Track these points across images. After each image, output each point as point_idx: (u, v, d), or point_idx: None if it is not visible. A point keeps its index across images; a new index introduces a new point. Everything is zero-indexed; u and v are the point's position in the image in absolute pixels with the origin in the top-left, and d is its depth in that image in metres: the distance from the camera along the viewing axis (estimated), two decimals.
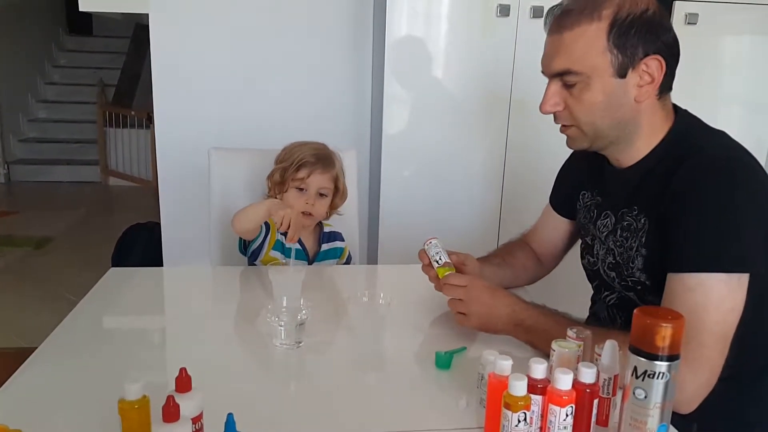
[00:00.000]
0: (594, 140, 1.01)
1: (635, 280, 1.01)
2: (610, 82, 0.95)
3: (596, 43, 0.94)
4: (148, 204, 3.93)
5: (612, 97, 0.96)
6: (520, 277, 1.31)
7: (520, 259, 1.31)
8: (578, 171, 1.20)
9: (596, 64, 0.94)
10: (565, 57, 0.96)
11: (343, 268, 1.54)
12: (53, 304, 2.86)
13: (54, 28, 6.65)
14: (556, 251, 1.32)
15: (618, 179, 1.06)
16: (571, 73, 0.96)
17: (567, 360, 0.77)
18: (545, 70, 1.01)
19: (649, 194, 0.98)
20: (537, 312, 0.99)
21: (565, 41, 0.96)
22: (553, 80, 1.00)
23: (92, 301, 1.20)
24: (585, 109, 0.97)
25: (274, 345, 1.01)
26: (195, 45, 2.21)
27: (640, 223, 0.99)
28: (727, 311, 0.87)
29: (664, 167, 0.97)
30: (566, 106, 0.99)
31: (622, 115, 0.97)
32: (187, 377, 0.71)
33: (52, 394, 0.88)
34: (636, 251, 1.00)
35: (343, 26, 2.26)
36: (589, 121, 0.99)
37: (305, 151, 1.47)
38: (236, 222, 1.39)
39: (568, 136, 1.04)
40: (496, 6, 1.95)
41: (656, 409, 0.68)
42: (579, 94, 0.97)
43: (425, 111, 2.05)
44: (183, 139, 2.25)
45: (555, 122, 1.04)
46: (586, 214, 1.16)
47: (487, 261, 1.28)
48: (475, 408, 0.84)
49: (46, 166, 5.64)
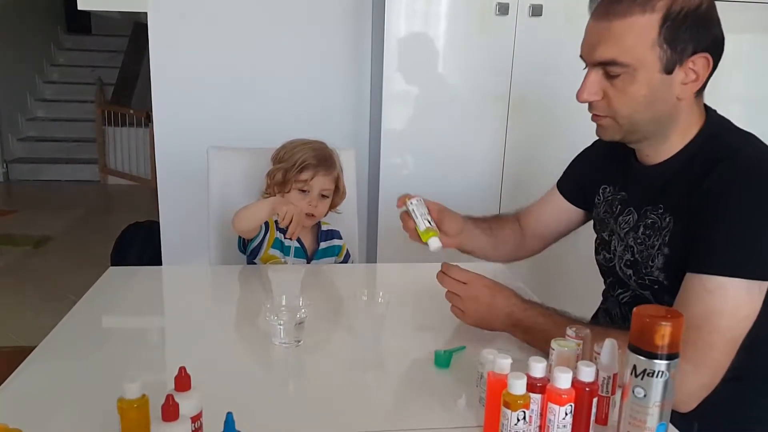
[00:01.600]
0: (628, 133, 0.98)
1: (653, 279, 1.00)
2: (656, 77, 0.92)
3: (647, 36, 0.90)
4: (147, 203, 3.92)
5: (655, 93, 0.93)
6: (498, 250, 1.30)
7: (506, 233, 1.30)
8: (601, 163, 1.17)
9: (644, 57, 0.91)
10: (613, 46, 0.92)
11: (342, 266, 1.54)
12: (52, 303, 2.86)
13: (53, 26, 6.64)
14: (547, 234, 1.30)
15: (645, 175, 1.03)
16: (616, 64, 0.92)
17: (566, 359, 0.77)
18: (587, 58, 0.97)
19: (677, 193, 0.96)
20: (535, 312, 0.98)
21: (614, 30, 0.91)
22: (593, 68, 0.96)
23: (91, 301, 1.20)
24: (626, 101, 0.94)
25: (273, 344, 1.01)
26: (194, 44, 2.21)
27: (664, 221, 0.97)
28: (742, 317, 0.86)
29: (695, 167, 0.94)
30: (605, 96, 0.96)
31: (661, 111, 0.95)
32: (186, 376, 0.71)
33: (52, 393, 0.88)
34: (658, 249, 0.98)
35: (342, 25, 2.26)
36: (627, 114, 0.95)
37: (307, 152, 1.46)
38: (237, 221, 1.39)
39: (601, 125, 1.00)
40: (495, 4, 1.95)
41: (656, 407, 0.68)
42: (622, 86, 0.93)
43: (424, 109, 2.05)
44: (182, 137, 2.25)
45: (589, 111, 1.00)
46: (607, 208, 1.13)
47: (474, 223, 1.26)
48: (474, 407, 0.84)
49: (44, 165, 5.64)
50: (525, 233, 1.32)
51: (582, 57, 0.99)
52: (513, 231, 1.32)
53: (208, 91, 2.24)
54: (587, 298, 1.20)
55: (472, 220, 1.26)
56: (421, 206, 1.12)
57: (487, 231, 1.27)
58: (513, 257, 1.33)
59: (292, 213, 1.34)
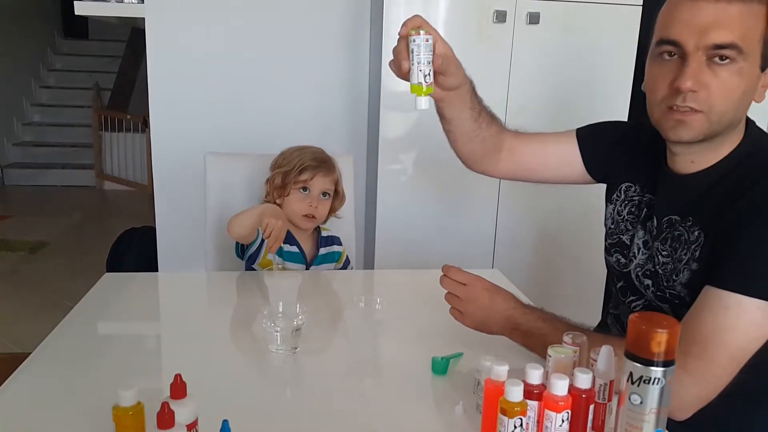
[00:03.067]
0: (709, 134, 0.90)
1: (674, 293, 0.96)
2: (755, 73, 0.87)
3: (759, 26, 0.84)
4: (143, 208, 3.91)
5: (750, 90, 0.88)
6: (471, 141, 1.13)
7: (490, 133, 1.14)
8: (629, 156, 1.09)
9: (754, 48, 0.85)
10: (733, 30, 0.83)
11: (340, 273, 1.54)
12: (47, 309, 2.85)
13: (49, 31, 6.64)
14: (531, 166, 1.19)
15: (678, 184, 0.98)
16: (735, 48, 0.83)
17: (563, 365, 0.77)
18: (691, 40, 0.85)
19: (710, 209, 0.92)
20: (534, 317, 0.96)
21: (735, 12, 0.83)
22: (697, 54, 0.85)
23: (87, 307, 1.19)
24: (726, 95, 0.86)
25: (270, 351, 1.01)
26: (191, 49, 2.21)
27: (693, 235, 0.93)
28: (753, 338, 0.84)
29: (731, 183, 0.91)
30: (705, 87, 0.86)
31: (742, 111, 0.90)
32: (182, 383, 0.71)
33: (46, 400, 0.87)
34: (685, 264, 0.94)
35: (340, 31, 2.26)
36: (722, 110, 0.87)
37: (305, 155, 1.47)
38: (231, 226, 1.39)
39: (686, 123, 0.89)
40: (492, 12, 1.96)
41: (652, 414, 0.68)
42: (728, 77, 0.85)
43: (422, 116, 2.05)
44: (179, 143, 2.25)
45: (681, 104, 0.88)
46: (631, 209, 1.07)
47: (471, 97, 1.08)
48: (471, 414, 0.84)
49: (40, 170, 5.62)
50: (512, 153, 1.18)
51: (675, 41, 0.87)
52: (499, 138, 1.16)
53: (205, 97, 2.25)
54: (585, 303, 1.19)
55: (471, 91, 1.08)
56: (427, 51, 0.91)
57: (476, 113, 1.10)
58: (479, 162, 1.18)
59: (273, 227, 1.33)
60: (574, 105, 2.06)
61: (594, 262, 1.27)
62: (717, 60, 0.85)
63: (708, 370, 0.84)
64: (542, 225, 2.18)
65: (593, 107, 2.03)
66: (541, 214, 2.16)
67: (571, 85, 2.07)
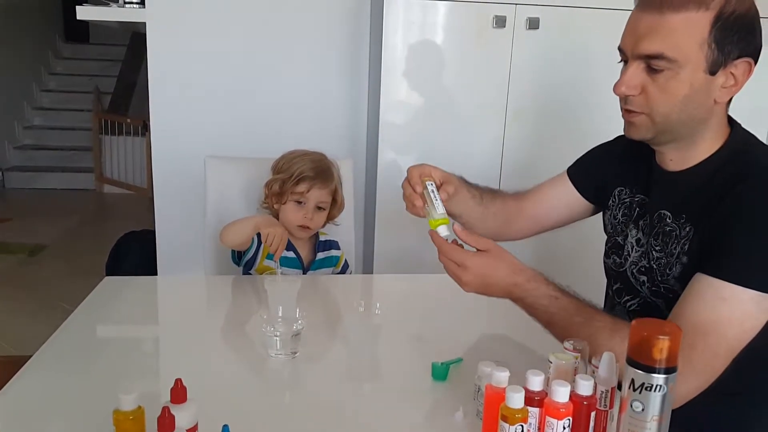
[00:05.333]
0: (659, 133, 0.95)
1: (668, 288, 0.98)
2: (699, 77, 0.90)
3: (698, 34, 0.87)
4: (143, 212, 3.91)
5: (695, 93, 0.91)
6: (486, 222, 1.22)
7: (497, 206, 1.23)
8: (619, 163, 1.13)
9: (692, 55, 0.88)
10: (663, 40, 0.88)
11: (339, 277, 1.54)
12: (46, 312, 2.84)
13: (51, 35, 6.64)
14: (543, 218, 1.25)
15: (669, 182, 1.01)
16: (663, 58, 0.89)
17: (564, 372, 0.77)
18: (629, 49, 0.92)
19: (700, 204, 0.94)
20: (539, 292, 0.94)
21: (667, 23, 0.88)
22: (635, 61, 0.92)
23: (86, 310, 1.19)
24: (665, 99, 0.91)
25: (270, 355, 1.01)
26: (191, 53, 2.21)
27: (684, 230, 0.95)
28: (747, 329, 0.85)
29: (721, 180, 0.93)
30: (644, 91, 0.92)
31: (697, 113, 0.93)
32: (182, 388, 0.71)
33: (47, 403, 0.87)
34: (677, 258, 0.96)
35: (340, 36, 2.27)
36: (664, 113, 0.92)
37: (305, 163, 1.46)
38: (224, 236, 1.39)
39: (632, 123, 0.96)
40: (492, 17, 1.96)
41: (654, 422, 0.67)
42: (664, 83, 0.90)
43: (422, 120, 2.06)
44: (178, 147, 2.25)
45: (623, 106, 0.96)
46: (624, 211, 1.10)
47: (467, 188, 1.20)
48: (471, 420, 0.83)
49: (40, 173, 5.61)
50: (521, 213, 1.25)
51: (621, 49, 0.95)
52: (505, 207, 1.25)
53: (205, 101, 2.25)
54: None
55: (466, 184, 1.20)
56: (436, 190, 1.07)
57: (478, 198, 1.21)
58: (499, 234, 1.25)
59: (273, 235, 1.35)
60: (573, 110, 2.06)
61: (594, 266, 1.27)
62: (652, 67, 0.91)
63: (709, 362, 0.85)
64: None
65: (592, 112, 2.03)
66: None
67: (571, 91, 2.07)
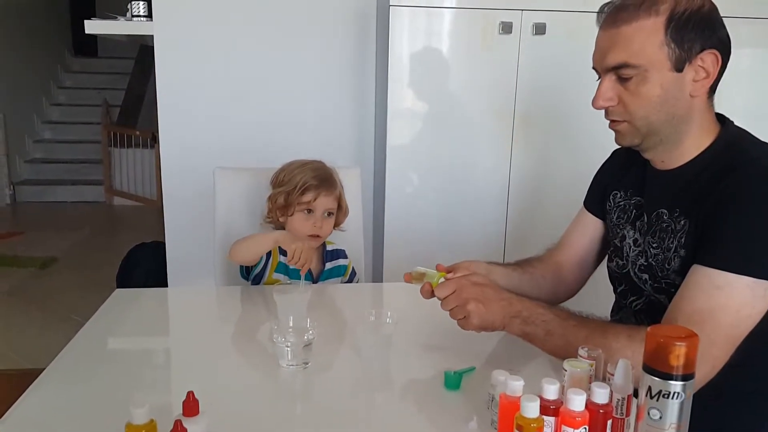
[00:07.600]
0: (645, 136, 1.00)
1: (669, 282, 1.00)
2: (668, 75, 0.95)
3: (654, 37, 0.94)
4: (153, 223, 3.93)
5: (669, 92, 0.95)
6: (541, 289, 1.21)
7: (539, 270, 1.23)
8: (611, 171, 1.20)
9: (654, 57, 0.94)
10: (623, 50, 0.95)
11: (349, 286, 1.53)
12: (58, 324, 2.85)
13: (60, 50, 6.72)
14: (586, 258, 1.24)
15: (661, 180, 1.04)
16: (628, 66, 0.95)
17: (579, 380, 0.76)
18: (599, 66, 1.00)
19: (693, 196, 0.97)
20: (533, 304, 0.98)
21: (623, 35, 0.95)
22: (606, 75, 0.99)
23: (98, 323, 1.19)
24: (640, 103, 0.97)
25: (281, 366, 1.00)
26: (199, 65, 2.23)
27: (679, 224, 0.98)
28: (745, 316, 0.87)
29: (712, 173, 0.96)
30: (620, 101, 0.99)
31: (676, 110, 0.97)
32: (194, 401, 0.71)
33: (60, 417, 0.87)
34: (674, 252, 0.98)
35: (346, 44, 2.28)
36: (643, 116, 0.98)
37: (307, 172, 1.45)
38: (236, 253, 1.39)
39: (618, 131, 1.02)
40: (498, 23, 1.96)
41: (672, 430, 0.66)
42: (635, 88, 0.96)
43: (429, 126, 2.06)
44: (188, 158, 2.26)
45: (606, 117, 1.03)
46: (620, 214, 1.13)
47: (500, 265, 1.21)
48: (486, 430, 0.82)
49: (51, 187, 5.66)
50: (562, 266, 1.24)
51: (594, 68, 1.02)
52: (546, 267, 1.24)
53: (213, 112, 2.26)
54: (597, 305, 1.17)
55: (497, 263, 1.21)
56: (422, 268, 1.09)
57: (517, 269, 1.22)
58: (557, 293, 1.24)
59: (300, 250, 1.35)
60: (580, 115, 2.05)
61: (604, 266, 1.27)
62: (622, 77, 0.97)
63: (707, 351, 0.84)
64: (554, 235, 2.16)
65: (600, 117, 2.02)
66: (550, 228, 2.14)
67: (578, 96, 2.06)
